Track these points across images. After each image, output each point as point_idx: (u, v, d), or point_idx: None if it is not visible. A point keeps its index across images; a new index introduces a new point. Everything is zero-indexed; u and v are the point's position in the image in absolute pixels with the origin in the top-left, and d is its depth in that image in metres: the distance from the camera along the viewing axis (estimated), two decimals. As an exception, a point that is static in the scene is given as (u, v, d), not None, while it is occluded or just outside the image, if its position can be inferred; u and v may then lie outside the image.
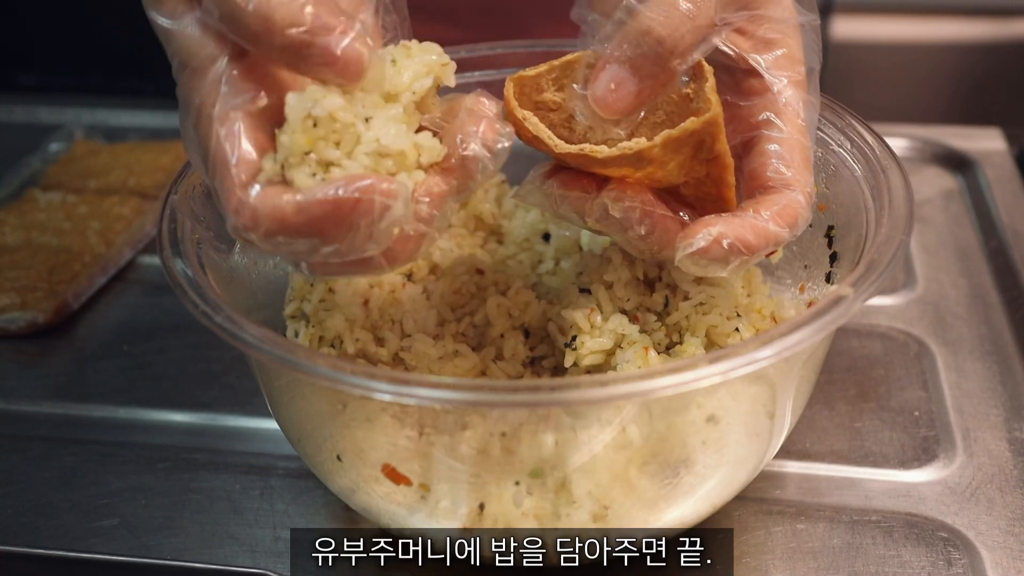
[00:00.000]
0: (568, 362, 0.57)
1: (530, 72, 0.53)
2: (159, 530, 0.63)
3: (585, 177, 0.52)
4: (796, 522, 0.63)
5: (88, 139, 1.04)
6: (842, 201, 0.61)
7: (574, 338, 0.57)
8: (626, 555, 0.58)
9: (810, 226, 0.65)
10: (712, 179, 0.52)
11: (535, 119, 0.51)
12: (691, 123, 0.48)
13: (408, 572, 0.60)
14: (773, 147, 0.52)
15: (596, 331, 0.57)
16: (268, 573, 0.60)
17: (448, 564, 0.60)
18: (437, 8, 0.92)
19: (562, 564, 0.57)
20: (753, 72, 0.53)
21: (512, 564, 0.57)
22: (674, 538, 0.59)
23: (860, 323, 0.79)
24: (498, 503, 0.52)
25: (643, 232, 0.51)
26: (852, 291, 0.49)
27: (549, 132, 0.51)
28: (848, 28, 1.80)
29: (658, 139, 0.48)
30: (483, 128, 0.48)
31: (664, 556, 0.60)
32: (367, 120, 0.46)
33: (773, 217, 0.51)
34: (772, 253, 0.52)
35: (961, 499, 0.64)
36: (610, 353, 0.57)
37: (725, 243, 0.49)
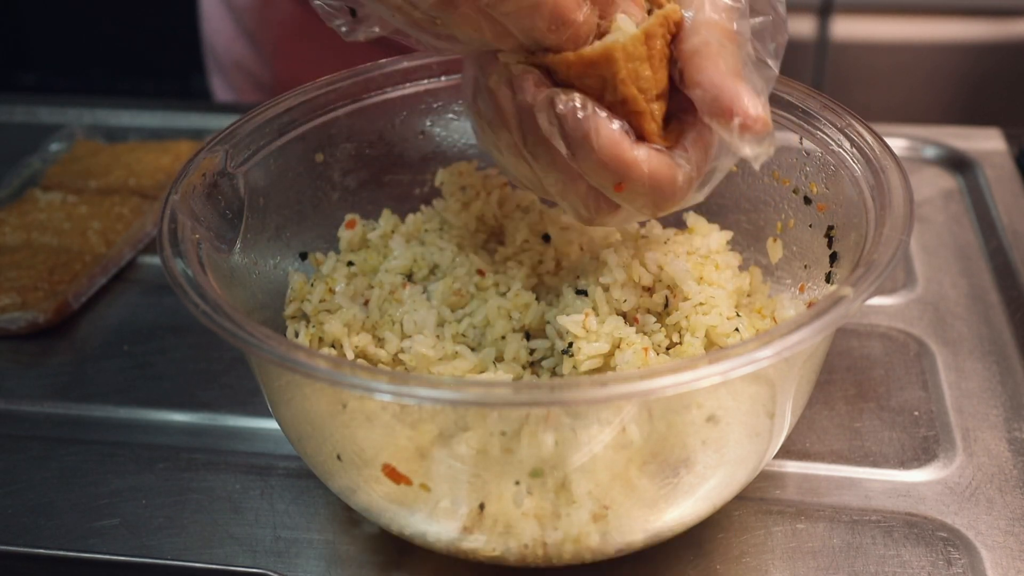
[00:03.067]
0: (566, 369, 0.58)
1: None
2: (159, 530, 0.63)
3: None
4: (796, 522, 0.63)
5: (88, 139, 1.05)
6: (842, 201, 0.61)
7: (571, 344, 0.57)
8: (626, 555, 0.58)
9: (809, 226, 0.65)
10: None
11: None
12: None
13: (408, 572, 0.60)
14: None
15: (592, 335, 0.57)
16: (268, 573, 0.60)
17: (448, 564, 0.60)
18: None
19: (562, 564, 0.57)
20: None
21: (512, 564, 0.57)
22: (674, 538, 0.59)
23: (860, 323, 0.79)
24: (498, 503, 0.52)
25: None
26: (852, 291, 0.49)
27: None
28: (848, 28, 1.80)
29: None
30: None
31: (664, 556, 0.60)
32: None
33: (648, 150, 0.52)
34: (618, 187, 0.52)
35: (961, 499, 0.64)
36: (608, 355, 0.57)
37: (582, 114, 0.50)
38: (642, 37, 0.51)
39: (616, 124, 0.51)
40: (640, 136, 0.52)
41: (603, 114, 0.51)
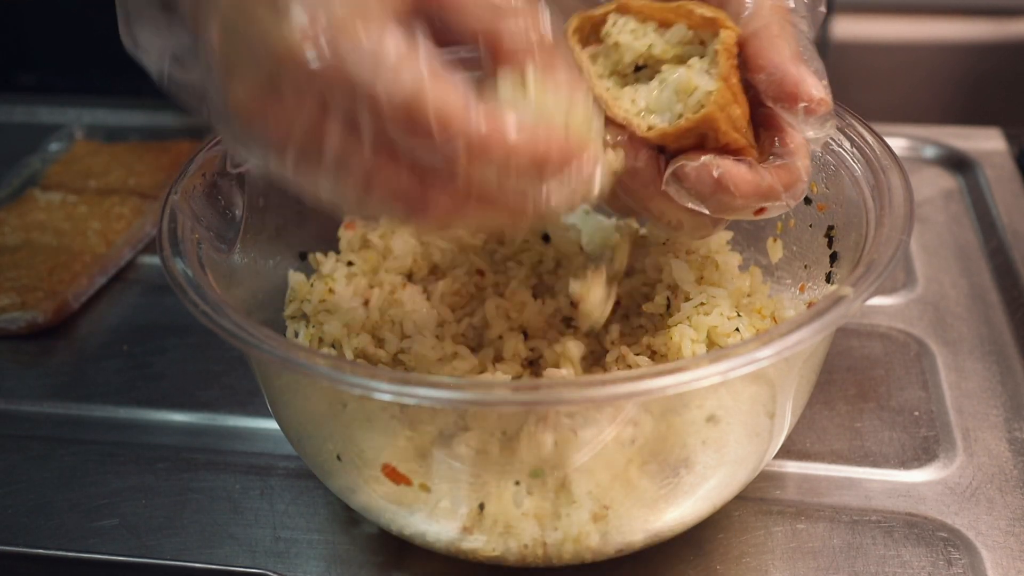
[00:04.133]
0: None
1: (595, 12, 0.53)
2: (159, 530, 0.63)
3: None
4: (796, 522, 0.63)
5: (88, 139, 1.05)
6: (842, 201, 0.61)
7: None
8: (626, 555, 0.58)
9: (810, 226, 0.65)
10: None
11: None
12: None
13: (408, 572, 0.60)
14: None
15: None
16: (268, 573, 0.60)
17: (448, 564, 0.60)
18: None
19: (562, 564, 0.57)
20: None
21: (512, 564, 0.57)
22: (674, 538, 0.59)
23: (860, 323, 0.79)
24: (498, 503, 0.52)
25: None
26: (852, 291, 0.49)
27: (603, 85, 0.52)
28: (848, 28, 1.80)
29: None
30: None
31: (664, 556, 0.60)
32: None
33: (771, 171, 0.51)
34: (760, 212, 0.52)
35: (961, 499, 0.64)
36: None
37: (716, 171, 0.50)
38: (723, 85, 0.50)
39: (743, 166, 0.50)
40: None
41: (728, 161, 0.50)
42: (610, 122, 0.52)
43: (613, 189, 0.52)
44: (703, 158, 0.50)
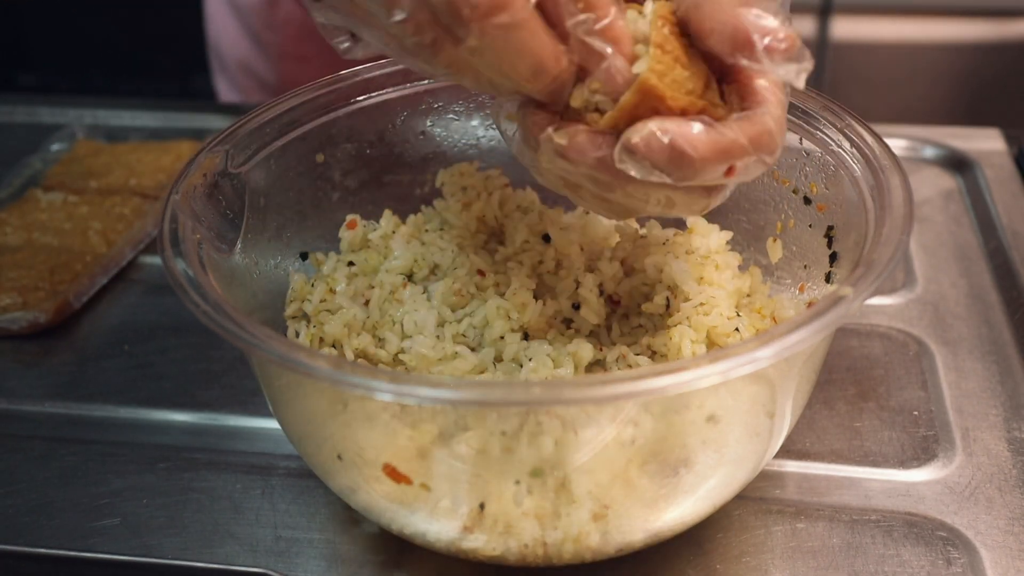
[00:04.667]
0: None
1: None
2: (160, 529, 0.63)
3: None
4: (796, 521, 0.63)
5: (89, 139, 1.05)
6: (842, 201, 0.61)
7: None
8: (626, 555, 0.58)
9: (809, 226, 0.65)
10: None
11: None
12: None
13: (408, 571, 0.60)
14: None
15: None
16: (269, 572, 0.60)
17: (448, 563, 0.60)
18: None
19: (562, 564, 0.57)
20: None
21: (512, 564, 0.57)
22: (674, 537, 0.59)
23: (860, 323, 0.79)
24: (498, 502, 0.52)
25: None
26: (852, 291, 0.49)
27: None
28: (847, 29, 1.80)
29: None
30: None
31: (664, 556, 0.60)
32: None
33: (733, 125, 0.48)
34: (730, 172, 0.49)
35: (960, 498, 0.64)
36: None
37: (665, 137, 0.47)
38: (658, 52, 0.48)
39: (696, 125, 0.48)
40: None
41: (679, 123, 0.48)
42: (566, 119, 0.51)
43: (599, 195, 0.52)
44: (649, 124, 0.47)
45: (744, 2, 0.48)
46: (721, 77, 0.51)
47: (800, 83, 0.48)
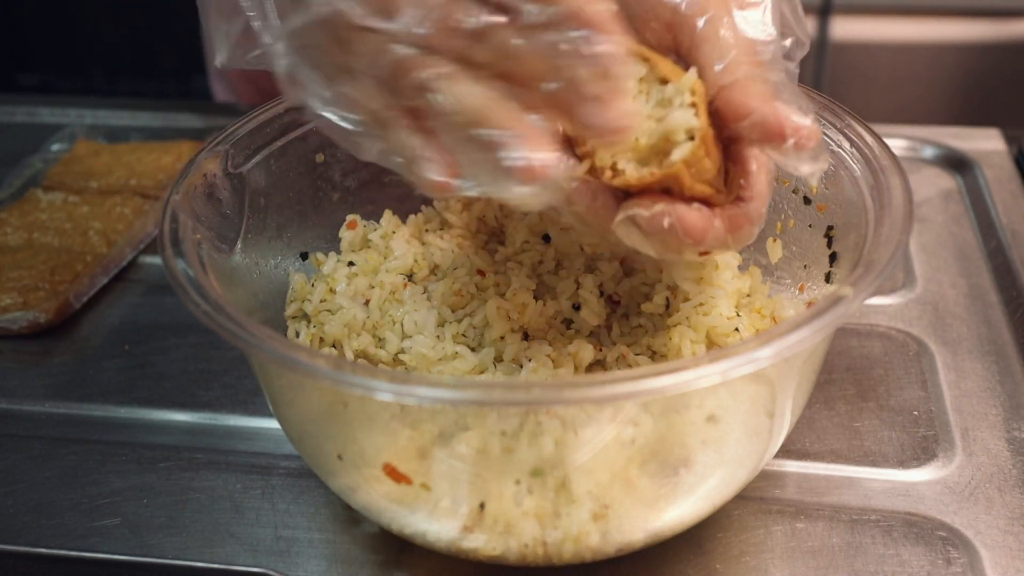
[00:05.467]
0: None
1: None
2: (160, 529, 0.63)
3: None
4: (796, 521, 0.63)
5: (89, 139, 1.05)
6: (842, 201, 0.61)
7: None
8: (626, 554, 0.58)
9: (809, 226, 0.65)
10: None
11: None
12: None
13: (408, 571, 0.60)
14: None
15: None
16: (269, 572, 0.60)
17: (448, 563, 0.60)
18: None
19: (562, 563, 0.57)
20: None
21: (512, 563, 0.57)
22: (674, 537, 0.59)
23: (860, 323, 0.79)
24: (498, 502, 0.52)
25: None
26: (852, 291, 0.49)
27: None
28: (847, 29, 1.80)
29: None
30: None
31: (664, 555, 0.60)
32: None
33: (724, 218, 0.51)
34: (705, 253, 0.52)
35: (960, 498, 0.64)
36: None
37: (666, 221, 0.50)
38: (701, 146, 0.49)
39: (695, 214, 0.50)
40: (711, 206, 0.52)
41: (684, 209, 0.50)
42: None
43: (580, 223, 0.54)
44: (656, 207, 0.50)
45: (777, 95, 0.50)
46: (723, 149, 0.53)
47: (814, 181, 0.52)
